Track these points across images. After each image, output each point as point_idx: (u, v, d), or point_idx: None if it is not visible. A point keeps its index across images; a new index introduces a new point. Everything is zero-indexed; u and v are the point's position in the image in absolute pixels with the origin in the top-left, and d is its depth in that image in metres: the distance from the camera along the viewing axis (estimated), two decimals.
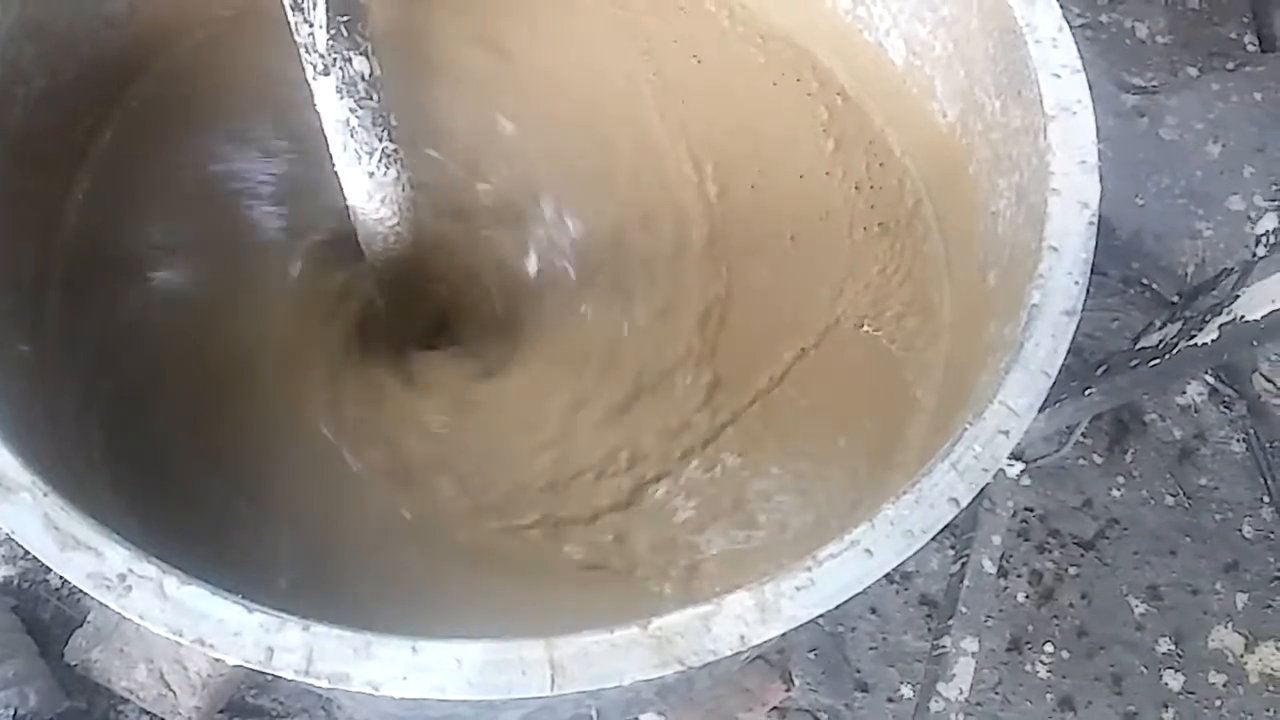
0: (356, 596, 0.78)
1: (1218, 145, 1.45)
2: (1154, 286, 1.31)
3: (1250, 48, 1.55)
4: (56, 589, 1.09)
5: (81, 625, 1.00)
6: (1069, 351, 0.70)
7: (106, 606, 0.57)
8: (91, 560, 0.57)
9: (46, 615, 1.07)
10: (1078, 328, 0.69)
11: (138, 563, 0.57)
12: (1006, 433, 0.64)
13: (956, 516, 0.63)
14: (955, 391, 0.84)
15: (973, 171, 0.87)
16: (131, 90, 0.93)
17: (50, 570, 1.12)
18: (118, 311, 0.86)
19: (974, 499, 0.66)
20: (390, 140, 0.74)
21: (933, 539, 0.63)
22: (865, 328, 0.90)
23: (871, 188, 0.94)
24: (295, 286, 0.90)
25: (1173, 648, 1.17)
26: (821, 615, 0.61)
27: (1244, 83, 1.49)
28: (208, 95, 0.94)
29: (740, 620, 0.59)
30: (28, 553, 1.11)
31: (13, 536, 0.58)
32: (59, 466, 0.68)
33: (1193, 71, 1.51)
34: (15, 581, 1.09)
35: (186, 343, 0.86)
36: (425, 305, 0.92)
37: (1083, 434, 1.22)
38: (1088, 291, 0.69)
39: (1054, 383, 0.68)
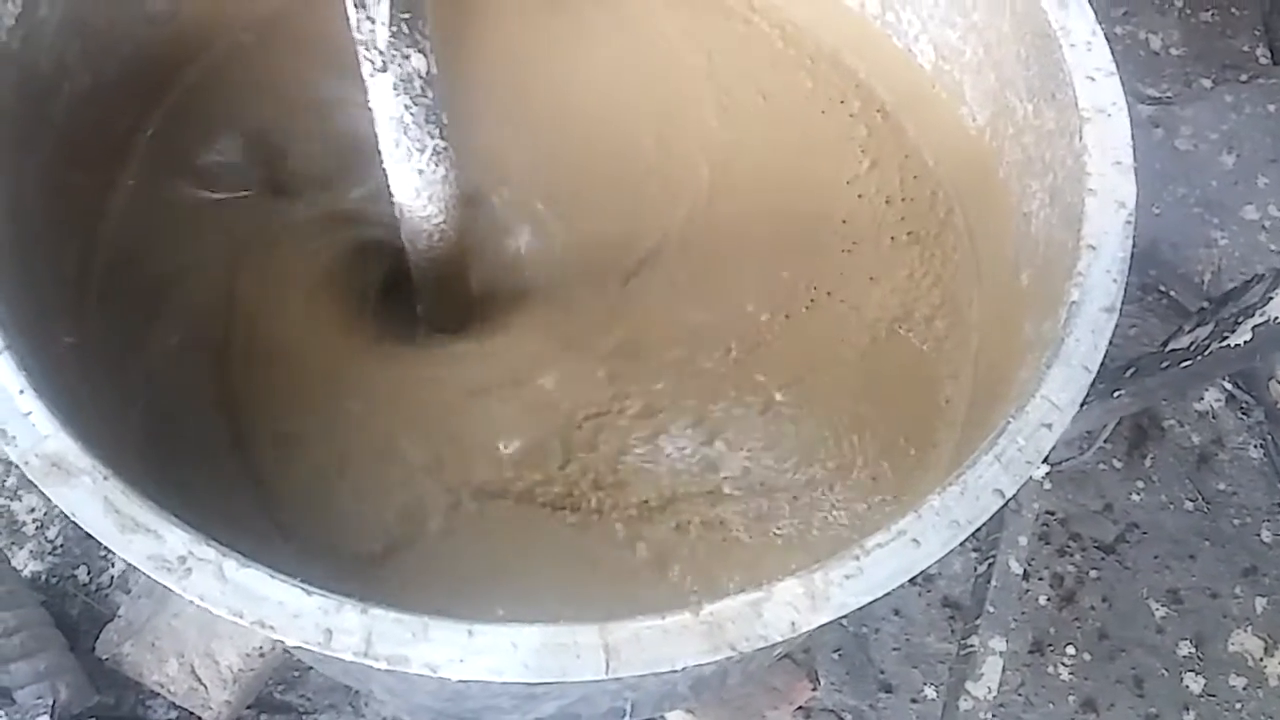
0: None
1: (1232, 155, 1.46)
2: (1171, 294, 1.32)
3: (1263, 60, 1.57)
4: (84, 584, 1.10)
5: (111, 620, 1.01)
6: None
7: (169, 589, 0.58)
8: (152, 543, 0.58)
9: (75, 611, 1.08)
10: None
11: (198, 545, 0.58)
12: (1049, 426, 0.65)
13: (1001, 508, 0.64)
14: (987, 390, 0.85)
15: (1003, 175, 0.88)
16: (171, 89, 0.94)
17: (79, 566, 1.13)
18: (154, 305, 0.87)
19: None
20: (441, 138, 0.75)
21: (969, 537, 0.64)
22: (899, 330, 0.90)
23: (903, 200, 0.95)
24: (326, 279, 0.91)
25: (1193, 651, 1.17)
26: (869, 603, 0.61)
27: (1257, 95, 1.51)
28: (244, 95, 0.96)
29: (791, 607, 0.59)
30: (56, 548, 1.13)
31: (74, 519, 0.58)
32: (114, 453, 0.69)
33: (1206, 83, 1.52)
34: (44, 577, 1.10)
35: (219, 333, 0.87)
36: (461, 300, 0.93)
37: (1103, 439, 1.24)
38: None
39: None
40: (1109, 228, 0.72)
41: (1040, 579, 1.18)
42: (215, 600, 0.57)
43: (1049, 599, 1.17)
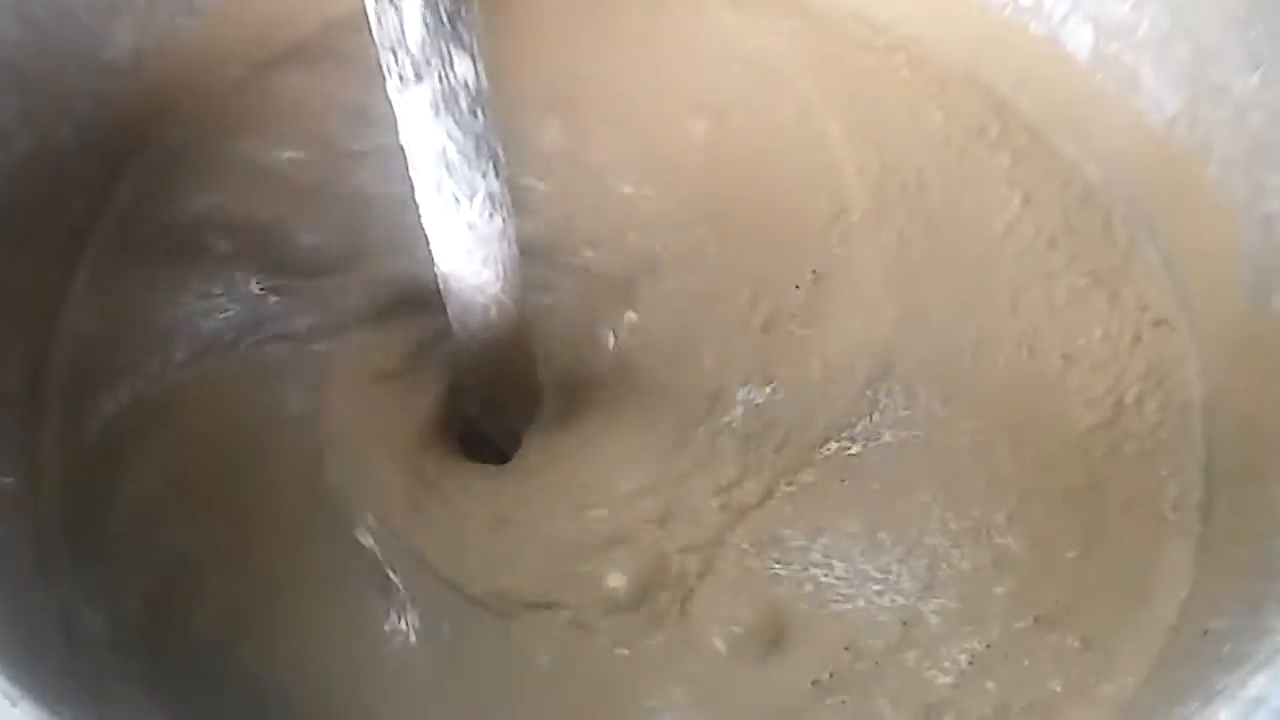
0: None
1: None
2: None
3: None
4: None
5: None
6: None
7: None
8: None
9: None
10: None
11: None
12: None
13: None
14: (1229, 481, 0.65)
15: (1214, 173, 0.69)
16: (137, 161, 0.76)
17: None
18: (123, 428, 0.67)
19: None
20: (497, 178, 0.55)
21: None
22: (1116, 427, 0.70)
23: (1071, 234, 0.75)
24: (327, 380, 0.70)
25: None
26: None
27: None
28: (219, 169, 0.77)
29: None
30: None
31: None
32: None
33: None
34: None
35: (208, 447, 0.67)
36: (527, 399, 0.72)
37: None
38: None
39: None
40: None
41: None
42: None
43: None
